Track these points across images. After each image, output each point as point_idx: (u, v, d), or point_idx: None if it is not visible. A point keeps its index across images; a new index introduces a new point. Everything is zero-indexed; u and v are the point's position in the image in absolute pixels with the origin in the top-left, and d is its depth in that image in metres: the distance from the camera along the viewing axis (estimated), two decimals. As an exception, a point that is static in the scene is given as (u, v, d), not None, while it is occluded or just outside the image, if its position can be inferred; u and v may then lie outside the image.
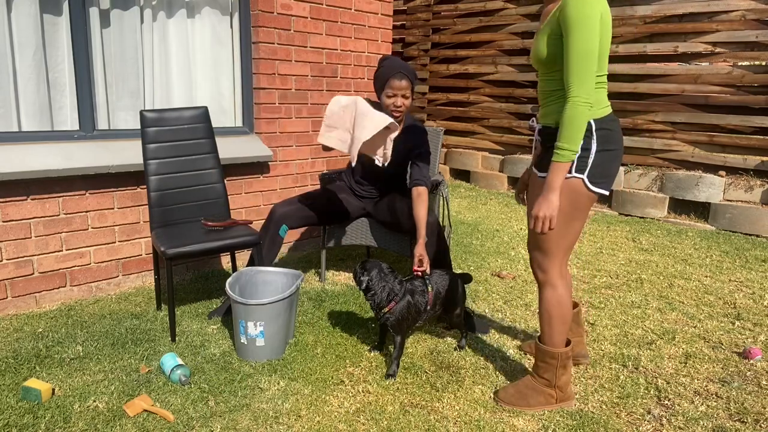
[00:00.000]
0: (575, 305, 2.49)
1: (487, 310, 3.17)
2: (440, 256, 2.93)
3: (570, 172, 1.98)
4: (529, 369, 2.45)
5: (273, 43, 3.77)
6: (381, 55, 2.92)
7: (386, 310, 2.41)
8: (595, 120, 1.97)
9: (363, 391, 2.31)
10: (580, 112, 1.85)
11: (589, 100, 1.86)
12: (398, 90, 2.82)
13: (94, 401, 2.20)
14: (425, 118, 7.41)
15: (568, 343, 2.18)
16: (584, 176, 1.98)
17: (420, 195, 2.81)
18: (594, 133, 1.97)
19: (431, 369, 2.49)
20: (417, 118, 3.13)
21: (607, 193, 2.03)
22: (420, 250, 2.60)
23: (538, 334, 2.28)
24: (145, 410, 2.14)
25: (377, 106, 2.87)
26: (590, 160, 1.98)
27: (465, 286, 2.71)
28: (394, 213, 3.04)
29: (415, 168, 2.90)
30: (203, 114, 3.08)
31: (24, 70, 3.05)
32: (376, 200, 3.24)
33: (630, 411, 2.21)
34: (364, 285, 2.43)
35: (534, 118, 2.20)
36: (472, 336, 2.80)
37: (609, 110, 2.01)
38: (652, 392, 2.34)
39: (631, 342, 2.78)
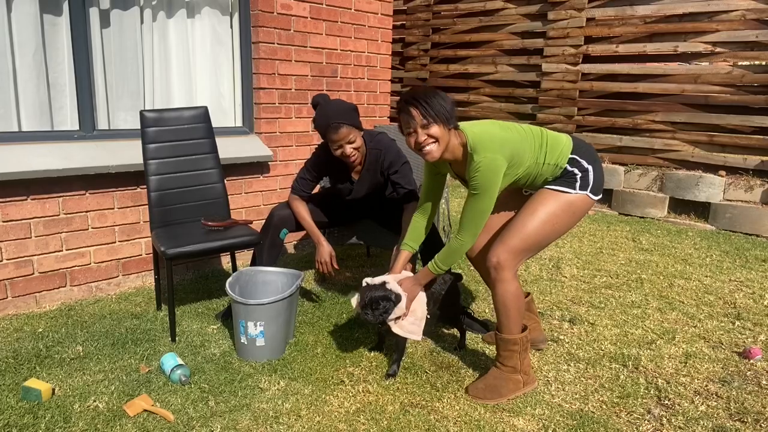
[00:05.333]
0: (527, 294, 2.68)
1: (486, 311, 3.17)
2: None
3: (574, 189, 2.23)
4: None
5: (273, 43, 3.77)
6: (314, 100, 2.77)
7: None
8: (571, 153, 2.25)
9: (363, 391, 2.31)
10: (461, 249, 2.25)
11: (469, 243, 2.23)
12: (340, 141, 2.67)
13: (94, 401, 2.20)
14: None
15: (524, 328, 2.31)
16: (588, 192, 2.25)
17: (410, 208, 2.80)
18: (581, 158, 2.25)
19: (431, 369, 2.49)
20: (377, 130, 3.02)
21: (600, 196, 2.33)
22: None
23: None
24: (145, 410, 2.14)
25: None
26: (591, 177, 2.25)
27: (458, 284, 2.71)
28: (393, 216, 3.04)
29: (398, 186, 2.87)
30: (203, 114, 3.08)
31: (24, 70, 3.05)
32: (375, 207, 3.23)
33: (630, 411, 2.21)
34: (384, 312, 2.34)
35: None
36: (472, 336, 2.80)
37: (569, 141, 2.28)
38: (652, 392, 2.34)
39: (631, 342, 2.78)
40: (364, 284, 2.39)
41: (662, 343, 2.77)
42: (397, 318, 2.36)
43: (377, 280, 2.38)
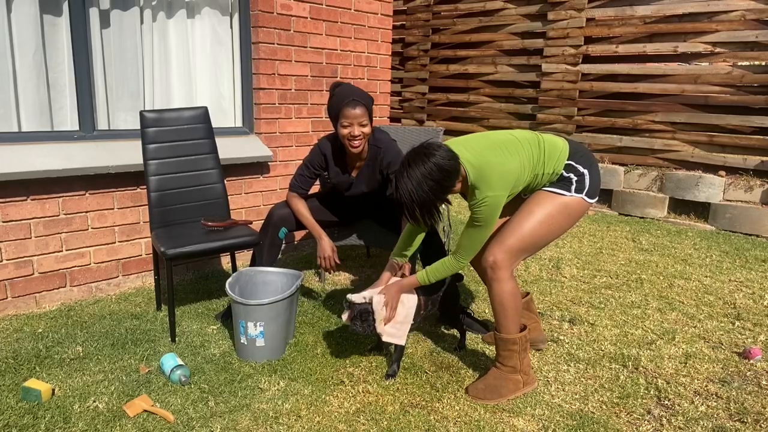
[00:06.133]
0: (526, 294, 2.69)
1: (487, 310, 3.17)
2: (437, 258, 2.92)
3: (570, 192, 2.24)
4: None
5: (273, 44, 3.77)
6: (335, 83, 2.78)
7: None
8: (568, 158, 2.26)
9: (363, 391, 2.31)
10: (456, 269, 2.27)
11: (466, 262, 2.26)
12: (353, 119, 2.65)
13: (94, 401, 2.20)
14: (425, 118, 7.41)
15: (523, 328, 2.32)
16: (583, 195, 2.25)
17: None
18: (577, 163, 2.26)
19: (431, 369, 2.49)
20: (379, 128, 3.01)
21: (596, 199, 2.34)
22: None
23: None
24: (145, 410, 2.14)
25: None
26: (587, 181, 2.25)
27: (457, 285, 2.71)
28: (393, 216, 3.03)
29: None
30: (203, 114, 3.08)
31: (24, 71, 3.05)
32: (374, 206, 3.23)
33: (630, 411, 2.21)
34: (372, 324, 2.36)
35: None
36: (472, 336, 2.80)
37: (566, 146, 2.28)
38: (652, 392, 2.34)
39: (631, 342, 2.78)
40: (345, 302, 2.41)
41: (662, 344, 2.77)
42: (379, 319, 2.35)
43: (358, 297, 2.39)
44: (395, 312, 2.38)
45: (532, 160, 2.21)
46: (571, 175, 2.25)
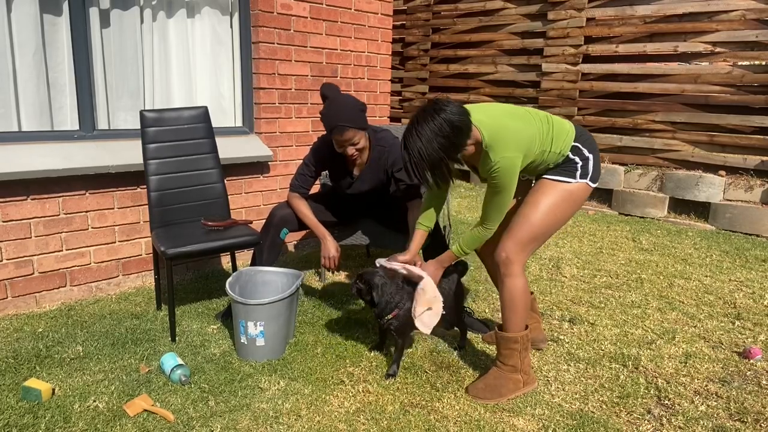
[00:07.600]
0: (530, 293, 2.68)
1: (487, 310, 3.17)
2: (440, 253, 2.92)
3: (575, 178, 2.26)
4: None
5: (273, 43, 3.77)
6: (323, 92, 2.77)
7: (390, 317, 2.41)
8: (574, 140, 2.27)
9: (363, 391, 2.31)
10: (486, 236, 2.29)
11: (494, 230, 2.28)
12: (343, 142, 2.68)
13: (94, 401, 2.20)
14: (425, 117, 7.40)
15: (525, 327, 2.30)
16: (588, 180, 2.28)
17: (414, 206, 2.79)
18: (583, 146, 2.27)
19: (431, 369, 2.49)
20: (380, 127, 3.01)
21: (597, 183, 2.35)
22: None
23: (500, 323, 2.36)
24: (145, 410, 2.14)
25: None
26: (591, 165, 2.27)
27: (462, 280, 2.70)
28: (395, 216, 3.03)
29: (401, 183, 2.85)
30: (203, 114, 3.08)
31: (24, 70, 3.05)
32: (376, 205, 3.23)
33: (630, 411, 2.21)
34: (369, 298, 2.40)
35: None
36: (472, 336, 2.80)
37: (572, 128, 2.30)
38: (652, 392, 2.34)
39: (631, 342, 2.78)
40: (377, 265, 2.43)
41: (662, 343, 2.77)
42: (424, 309, 2.38)
43: (392, 264, 2.40)
44: (437, 292, 2.40)
45: (542, 134, 2.22)
46: (576, 158, 2.25)
